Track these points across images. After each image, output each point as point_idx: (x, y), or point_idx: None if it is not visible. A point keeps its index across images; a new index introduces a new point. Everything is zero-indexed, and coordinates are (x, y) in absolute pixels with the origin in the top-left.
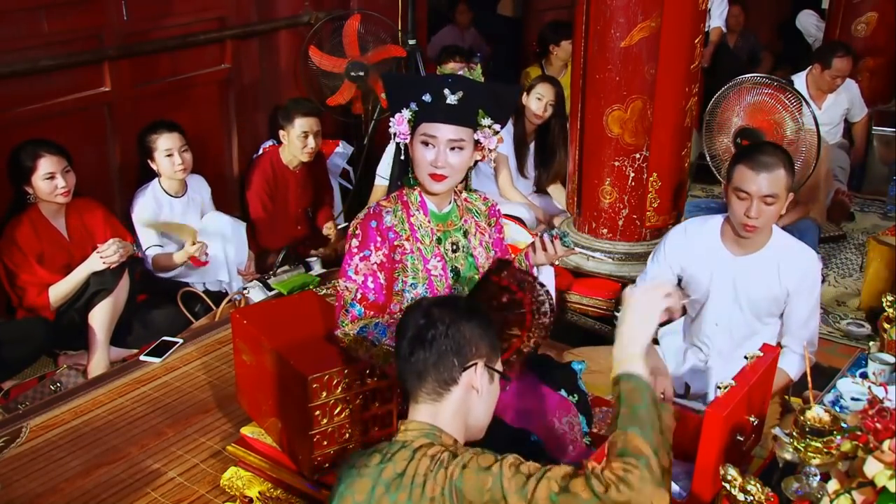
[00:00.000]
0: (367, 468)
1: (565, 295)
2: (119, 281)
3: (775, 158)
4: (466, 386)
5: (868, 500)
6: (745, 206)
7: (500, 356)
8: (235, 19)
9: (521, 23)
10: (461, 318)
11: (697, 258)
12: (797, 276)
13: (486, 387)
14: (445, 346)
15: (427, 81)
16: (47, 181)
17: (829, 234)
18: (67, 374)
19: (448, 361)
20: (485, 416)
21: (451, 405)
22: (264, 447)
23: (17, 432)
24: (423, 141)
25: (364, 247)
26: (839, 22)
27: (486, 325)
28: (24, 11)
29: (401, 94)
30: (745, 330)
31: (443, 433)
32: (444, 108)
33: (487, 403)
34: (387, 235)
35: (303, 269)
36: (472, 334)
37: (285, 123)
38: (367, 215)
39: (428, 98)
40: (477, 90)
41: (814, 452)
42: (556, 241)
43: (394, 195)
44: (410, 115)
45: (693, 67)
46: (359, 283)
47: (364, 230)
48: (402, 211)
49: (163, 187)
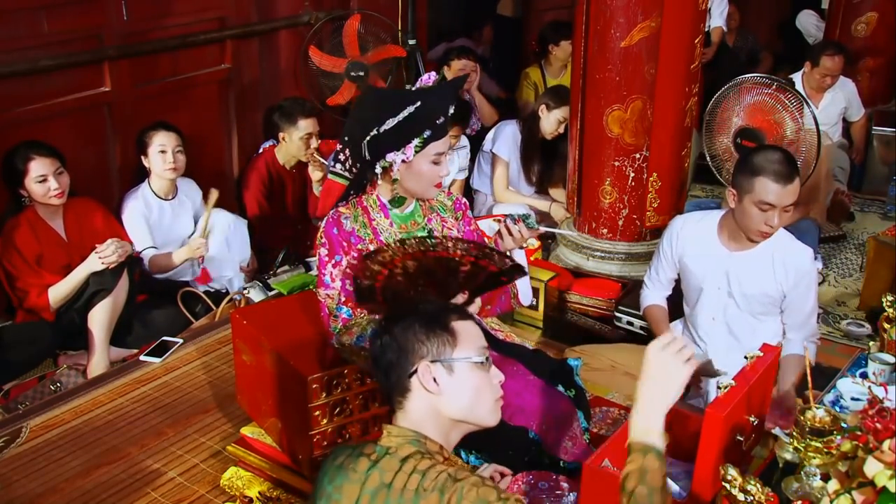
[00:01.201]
0: (356, 473)
1: (565, 295)
2: (118, 281)
3: (792, 167)
4: (420, 390)
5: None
6: (767, 217)
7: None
8: (235, 19)
9: (521, 23)
10: (393, 326)
11: (693, 251)
12: (793, 273)
13: (446, 379)
14: (387, 361)
15: (436, 107)
16: (40, 184)
17: (829, 234)
18: (67, 374)
19: (394, 375)
20: (468, 406)
21: (418, 411)
22: (264, 447)
23: (17, 432)
24: (433, 161)
25: (333, 253)
26: (839, 22)
27: (423, 321)
28: (24, 11)
29: (415, 127)
30: (743, 326)
31: (427, 439)
32: (447, 122)
33: (460, 395)
34: (349, 240)
35: (303, 269)
36: (407, 339)
37: (286, 125)
38: (327, 223)
39: (441, 120)
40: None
41: (814, 452)
42: (519, 224)
43: (352, 200)
44: (420, 142)
45: (693, 67)
46: (338, 287)
47: (328, 237)
48: (363, 215)
49: (152, 189)
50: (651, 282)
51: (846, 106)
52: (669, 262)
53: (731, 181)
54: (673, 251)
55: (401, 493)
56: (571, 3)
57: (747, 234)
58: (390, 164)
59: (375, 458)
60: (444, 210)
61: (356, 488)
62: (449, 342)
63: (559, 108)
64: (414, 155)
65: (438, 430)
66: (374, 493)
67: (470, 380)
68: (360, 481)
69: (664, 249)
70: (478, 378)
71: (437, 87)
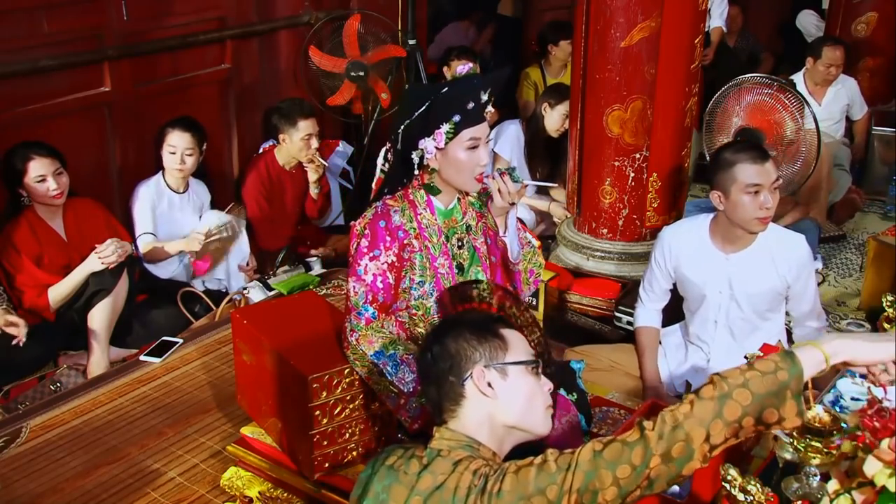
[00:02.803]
0: (407, 475)
1: (565, 295)
2: (118, 281)
3: (762, 149)
4: (476, 395)
5: (868, 499)
6: (760, 200)
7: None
8: (235, 19)
9: (521, 23)
10: (444, 336)
11: (688, 260)
12: (795, 264)
13: (500, 384)
14: (439, 371)
15: (467, 91)
16: (39, 184)
17: (829, 234)
18: (67, 374)
19: (447, 383)
20: (521, 412)
21: (472, 417)
22: (264, 447)
23: (17, 432)
24: (469, 146)
25: (373, 246)
26: (839, 22)
27: (473, 328)
28: (24, 11)
29: (441, 111)
30: (745, 327)
31: (481, 445)
32: (481, 109)
33: (514, 400)
34: (396, 234)
35: (303, 269)
36: (459, 346)
37: (286, 126)
38: (375, 215)
39: (471, 105)
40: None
41: (814, 452)
42: (505, 178)
43: (399, 194)
44: (450, 128)
45: (693, 67)
46: (368, 282)
47: (373, 230)
48: (410, 209)
49: (166, 181)
50: (646, 294)
51: (849, 103)
52: (664, 273)
53: (711, 186)
54: (666, 262)
55: (453, 493)
56: (571, 3)
57: (747, 227)
58: (423, 152)
59: (426, 462)
60: (476, 204)
61: (405, 491)
62: (501, 347)
63: (561, 103)
64: (446, 141)
65: (492, 437)
66: (427, 496)
67: (523, 385)
68: (410, 484)
69: (657, 261)
70: (530, 383)
71: (468, 75)
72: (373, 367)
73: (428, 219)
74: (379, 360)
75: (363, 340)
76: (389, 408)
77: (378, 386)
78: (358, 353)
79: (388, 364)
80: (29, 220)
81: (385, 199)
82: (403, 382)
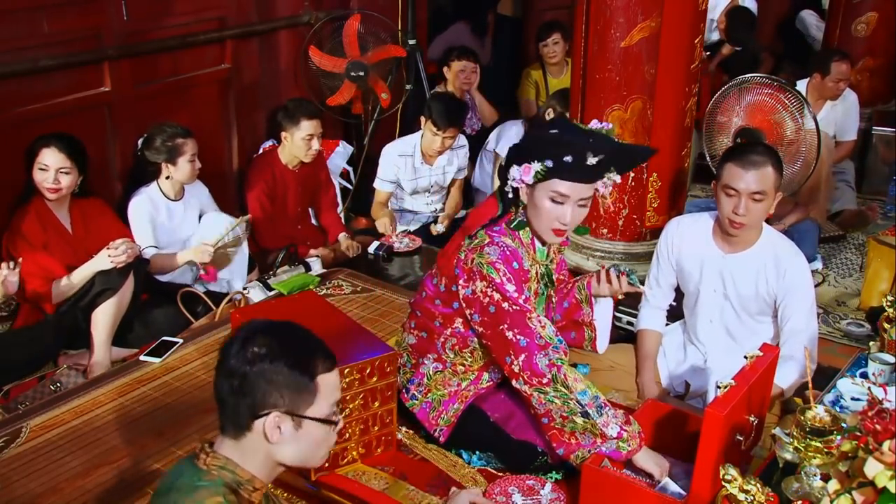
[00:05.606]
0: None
1: None
2: (124, 281)
3: (764, 157)
4: (259, 434)
5: (868, 500)
6: (734, 204)
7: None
8: (235, 19)
9: (521, 23)
10: (264, 359)
11: (689, 253)
12: (786, 279)
13: (290, 432)
14: (236, 396)
15: (572, 143)
16: (41, 171)
17: (829, 234)
18: (67, 374)
19: (239, 412)
20: (301, 458)
21: (247, 449)
22: None
23: (17, 432)
24: (551, 197)
25: (520, 290)
26: (839, 22)
27: (293, 366)
28: (24, 11)
29: (539, 149)
30: (741, 328)
31: (238, 467)
32: (582, 169)
33: (299, 447)
34: (519, 276)
35: (303, 269)
36: (267, 386)
37: (289, 125)
38: (505, 257)
39: (569, 159)
40: (615, 152)
41: (814, 452)
42: (622, 278)
43: (507, 229)
44: (541, 169)
45: (693, 67)
46: (530, 308)
47: (514, 274)
48: (524, 250)
49: (161, 190)
50: (651, 290)
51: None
52: (667, 265)
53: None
54: (670, 253)
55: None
56: (571, 2)
57: (722, 225)
58: (511, 181)
59: (191, 489)
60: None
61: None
62: (308, 397)
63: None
64: (533, 180)
65: (261, 468)
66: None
67: (314, 435)
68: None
69: (661, 252)
70: (322, 433)
71: (592, 132)
72: (575, 406)
73: (527, 253)
74: (584, 400)
75: (570, 376)
76: (570, 445)
77: (571, 424)
78: (562, 389)
79: (592, 405)
80: (37, 207)
81: (496, 234)
82: (608, 426)
